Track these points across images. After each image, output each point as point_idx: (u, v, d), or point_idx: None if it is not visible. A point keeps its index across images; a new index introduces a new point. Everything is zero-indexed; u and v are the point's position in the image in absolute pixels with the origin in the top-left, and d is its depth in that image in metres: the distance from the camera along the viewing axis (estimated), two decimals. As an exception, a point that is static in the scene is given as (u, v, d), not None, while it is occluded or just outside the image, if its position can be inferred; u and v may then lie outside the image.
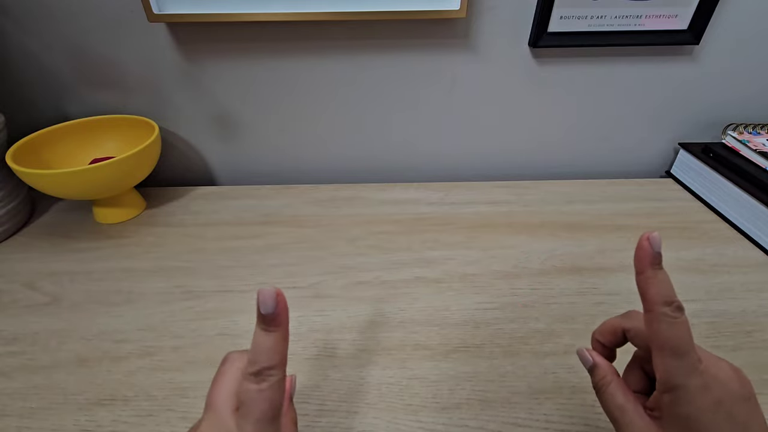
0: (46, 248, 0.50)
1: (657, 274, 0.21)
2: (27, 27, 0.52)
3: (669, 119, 0.63)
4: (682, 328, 0.20)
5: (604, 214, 0.56)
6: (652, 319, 0.21)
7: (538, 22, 0.52)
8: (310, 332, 0.40)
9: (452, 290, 0.44)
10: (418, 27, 0.53)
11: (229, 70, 0.56)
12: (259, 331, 0.21)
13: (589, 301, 0.43)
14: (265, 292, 0.20)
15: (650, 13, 0.52)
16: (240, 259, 0.48)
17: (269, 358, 0.20)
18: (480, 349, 0.38)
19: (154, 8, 0.48)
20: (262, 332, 0.20)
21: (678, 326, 0.20)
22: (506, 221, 0.54)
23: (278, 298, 0.20)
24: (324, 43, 0.54)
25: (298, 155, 0.64)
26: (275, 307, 0.20)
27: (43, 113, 0.57)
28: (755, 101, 0.61)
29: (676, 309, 0.20)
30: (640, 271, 0.22)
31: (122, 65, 0.55)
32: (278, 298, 0.20)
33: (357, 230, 0.53)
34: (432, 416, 0.33)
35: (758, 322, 0.40)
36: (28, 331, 0.40)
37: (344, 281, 0.45)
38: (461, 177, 0.66)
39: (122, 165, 0.48)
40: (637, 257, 0.22)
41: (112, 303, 0.43)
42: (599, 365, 0.25)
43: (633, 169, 0.67)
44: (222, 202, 0.59)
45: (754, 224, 0.51)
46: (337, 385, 0.35)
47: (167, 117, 0.59)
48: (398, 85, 0.58)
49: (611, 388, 0.24)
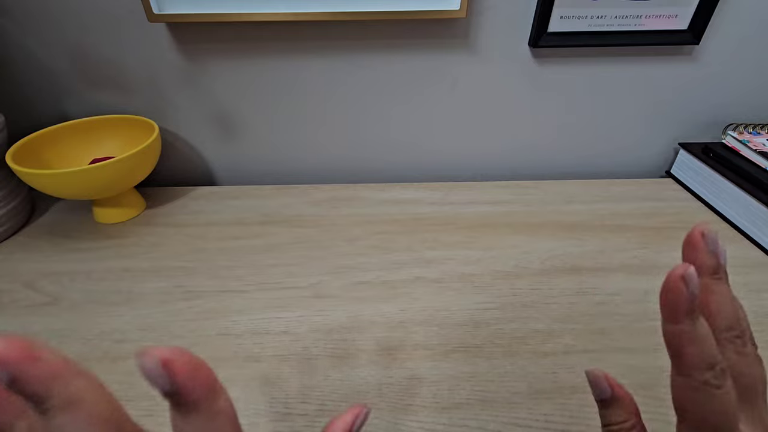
0: (46, 248, 0.50)
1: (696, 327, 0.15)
2: (27, 27, 0.52)
3: (669, 119, 0.63)
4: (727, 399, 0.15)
5: (604, 214, 0.56)
6: (687, 386, 0.15)
7: (538, 22, 0.52)
8: (310, 332, 0.40)
9: (452, 290, 0.44)
10: (418, 27, 0.53)
11: (229, 70, 0.56)
12: (173, 414, 0.13)
13: (589, 301, 0.43)
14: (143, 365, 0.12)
15: (650, 13, 0.52)
16: (240, 259, 0.48)
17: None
18: (480, 349, 0.38)
19: (154, 8, 0.48)
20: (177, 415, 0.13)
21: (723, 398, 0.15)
22: (506, 221, 0.54)
23: (168, 367, 0.12)
24: (324, 43, 0.54)
25: (298, 155, 0.64)
26: (169, 381, 0.12)
27: (43, 113, 0.57)
28: (755, 101, 0.61)
29: (721, 374, 0.15)
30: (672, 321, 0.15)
31: (122, 65, 0.55)
32: (168, 367, 0.12)
33: (357, 230, 0.53)
34: (432, 416, 0.33)
35: (758, 322, 0.40)
36: (28, 331, 0.40)
37: (344, 281, 0.45)
38: (461, 177, 0.66)
39: (122, 165, 0.48)
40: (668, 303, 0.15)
41: (112, 303, 0.43)
42: (621, 400, 0.18)
43: (633, 169, 0.67)
44: (222, 202, 0.59)
45: (754, 224, 0.51)
46: (337, 385, 0.35)
47: (167, 117, 0.59)
48: (398, 85, 0.58)
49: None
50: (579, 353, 0.37)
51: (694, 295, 0.15)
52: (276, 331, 0.40)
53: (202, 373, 0.13)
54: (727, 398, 0.15)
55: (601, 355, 0.37)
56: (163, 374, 0.12)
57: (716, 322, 0.16)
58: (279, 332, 0.40)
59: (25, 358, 0.11)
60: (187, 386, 0.12)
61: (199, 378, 0.12)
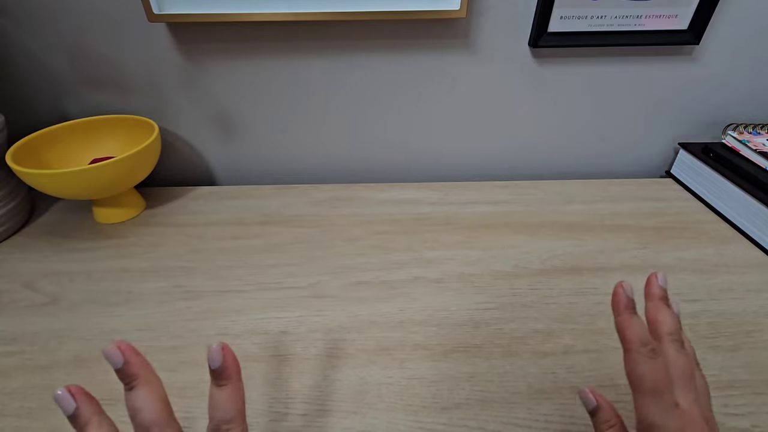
0: (46, 248, 0.50)
1: (633, 317, 0.22)
2: (27, 27, 0.52)
3: (669, 119, 0.63)
4: (658, 366, 0.21)
5: (604, 214, 0.56)
6: (630, 358, 0.22)
7: (538, 22, 0.52)
8: (310, 332, 0.40)
9: (452, 290, 0.44)
10: (418, 27, 0.53)
11: (229, 70, 0.56)
12: (212, 386, 0.21)
13: (589, 301, 0.43)
14: (212, 349, 0.21)
15: (650, 13, 0.52)
16: (239, 259, 0.48)
17: (225, 411, 0.21)
18: (479, 349, 0.38)
19: (154, 8, 0.48)
20: (215, 387, 0.21)
21: (654, 365, 0.21)
22: (506, 221, 0.54)
23: (224, 351, 0.21)
24: (324, 43, 0.54)
25: (298, 155, 0.64)
26: (222, 361, 0.21)
27: (43, 113, 0.57)
28: (755, 101, 0.61)
29: (651, 351, 0.21)
30: (617, 314, 0.23)
31: (122, 65, 0.55)
32: (224, 351, 0.21)
33: (357, 230, 0.53)
34: (431, 416, 0.33)
35: (758, 322, 0.40)
36: (28, 331, 0.40)
37: (344, 281, 0.45)
38: (461, 177, 0.66)
39: (122, 165, 0.48)
40: (614, 302, 0.23)
41: (112, 303, 0.43)
42: (603, 407, 0.25)
43: (633, 169, 0.67)
44: (222, 202, 0.59)
45: (754, 224, 0.51)
46: (337, 385, 0.35)
47: (167, 117, 0.59)
48: (398, 85, 0.58)
49: None
50: (579, 353, 0.37)
51: (629, 298, 0.23)
52: (275, 331, 0.40)
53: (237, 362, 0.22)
54: (661, 366, 0.21)
55: (600, 355, 0.37)
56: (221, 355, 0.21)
57: (662, 328, 0.23)
58: (278, 332, 0.40)
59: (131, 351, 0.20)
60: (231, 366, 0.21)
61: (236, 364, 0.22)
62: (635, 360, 0.21)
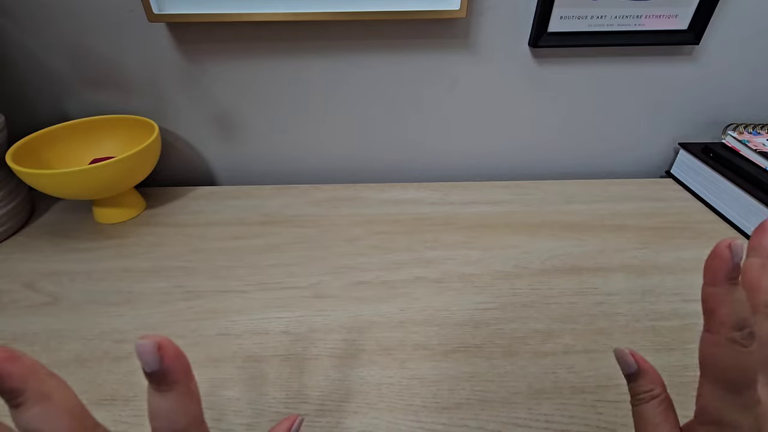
0: (46, 248, 0.50)
1: (733, 291, 0.16)
2: (27, 27, 0.52)
3: (669, 119, 0.63)
4: (749, 359, 0.16)
5: (604, 214, 0.56)
6: (714, 342, 0.17)
7: (538, 22, 0.52)
8: (310, 332, 0.40)
9: (452, 290, 0.44)
10: (418, 27, 0.53)
11: (229, 70, 0.56)
12: (151, 391, 0.16)
13: (589, 301, 0.43)
14: (141, 345, 0.15)
15: (650, 13, 0.52)
16: (240, 260, 0.48)
17: (172, 422, 0.16)
18: (480, 349, 0.38)
19: (154, 8, 0.48)
20: (155, 393, 0.16)
21: (746, 356, 0.16)
22: (506, 221, 0.54)
23: (161, 351, 0.15)
24: (324, 43, 0.54)
25: (298, 155, 0.64)
26: (161, 363, 0.15)
27: (43, 113, 0.57)
28: (755, 101, 0.61)
29: (749, 336, 0.16)
30: (711, 284, 0.17)
31: (122, 65, 0.55)
32: (161, 351, 0.15)
33: (357, 230, 0.53)
34: (432, 416, 0.33)
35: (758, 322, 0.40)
36: (28, 331, 0.40)
37: (344, 281, 0.45)
38: (461, 177, 0.66)
39: (122, 165, 0.48)
40: (711, 267, 0.17)
41: (112, 303, 0.43)
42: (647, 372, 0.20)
43: (633, 169, 0.67)
44: (222, 202, 0.59)
45: (754, 224, 0.51)
46: (337, 385, 0.35)
47: (167, 117, 0.59)
48: (398, 85, 0.58)
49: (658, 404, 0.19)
50: (579, 353, 0.37)
51: (736, 264, 0.16)
52: (276, 331, 0.40)
53: (183, 359, 0.16)
54: (751, 358, 0.16)
55: (601, 355, 0.37)
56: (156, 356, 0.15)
57: (760, 296, 0.18)
58: (279, 332, 0.40)
59: (5, 358, 0.14)
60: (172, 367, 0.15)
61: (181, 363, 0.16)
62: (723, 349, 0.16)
